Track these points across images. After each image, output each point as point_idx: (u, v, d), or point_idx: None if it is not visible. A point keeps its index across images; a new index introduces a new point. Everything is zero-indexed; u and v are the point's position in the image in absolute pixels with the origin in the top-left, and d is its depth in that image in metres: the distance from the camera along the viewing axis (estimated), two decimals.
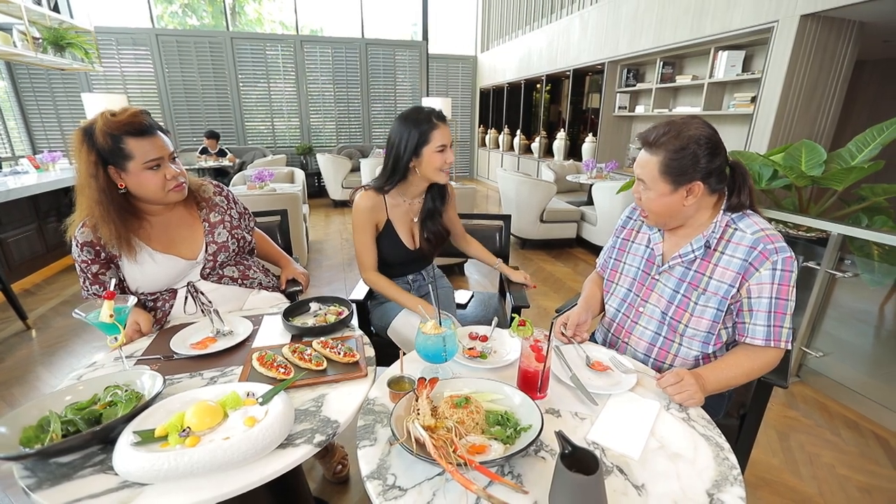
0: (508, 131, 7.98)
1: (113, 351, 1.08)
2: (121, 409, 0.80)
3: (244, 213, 1.49)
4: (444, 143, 1.35)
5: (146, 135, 1.14)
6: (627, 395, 0.93)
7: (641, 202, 1.08)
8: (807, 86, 3.15)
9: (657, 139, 1.00)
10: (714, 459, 0.77)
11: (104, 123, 1.11)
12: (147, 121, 1.16)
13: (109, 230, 1.14)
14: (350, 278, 3.66)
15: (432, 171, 1.38)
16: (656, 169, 1.00)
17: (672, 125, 1.00)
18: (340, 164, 6.31)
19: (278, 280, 1.56)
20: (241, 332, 1.16)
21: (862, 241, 1.98)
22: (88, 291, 1.24)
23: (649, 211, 1.08)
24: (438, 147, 1.34)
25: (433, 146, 1.34)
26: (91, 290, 1.24)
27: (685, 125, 1.00)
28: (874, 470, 1.68)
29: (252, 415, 0.78)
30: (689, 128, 0.99)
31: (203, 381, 0.96)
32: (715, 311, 1.02)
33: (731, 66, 3.75)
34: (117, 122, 1.11)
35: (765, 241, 0.97)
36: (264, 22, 9.35)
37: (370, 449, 0.76)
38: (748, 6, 3.32)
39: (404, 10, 8.60)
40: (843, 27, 3.05)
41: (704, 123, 1.01)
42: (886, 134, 2.19)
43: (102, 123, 1.11)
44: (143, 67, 6.52)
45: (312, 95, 7.47)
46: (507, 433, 0.76)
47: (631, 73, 5.07)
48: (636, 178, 1.08)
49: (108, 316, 0.87)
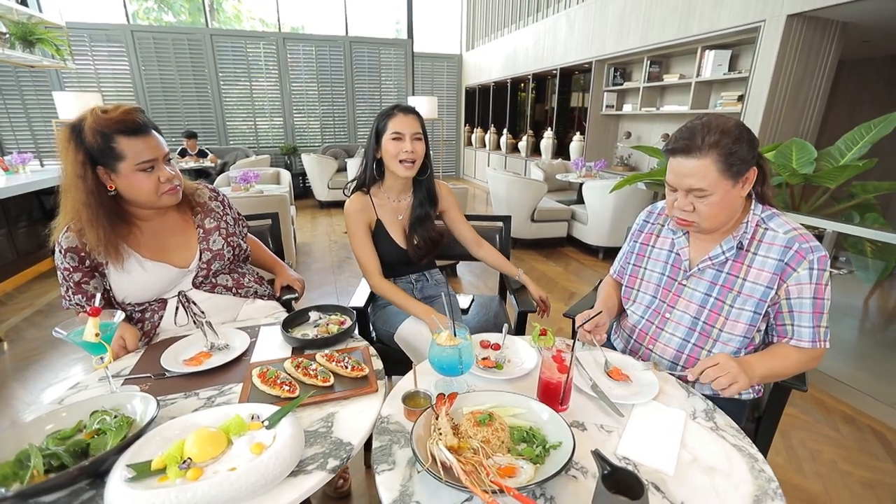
0: (495, 130, 7.97)
1: (97, 370, 1.00)
2: (111, 438, 0.72)
3: (238, 219, 1.42)
4: (400, 132, 1.35)
5: (140, 134, 1.06)
6: (652, 405, 0.90)
7: (695, 213, 0.98)
8: (793, 84, 3.20)
9: (703, 142, 0.92)
10: (750, 472, 0.74)
11: (94, 121, 1.02)
12: (141, 119, 1.07)
13: (97, 235, 1.05)
14: (341, 281, 3.57)
15: (390, 159, 1.38)
16: (714, 169, 0.92)
17: (705, 126, 0.94)
18: (326, 165, 6.19)
19: (273, 288, 1.49)
20: (237, 346, 1.08)
21: (855, 238, 2.01)
22: (70, 302, 1.15)
23: (708, 217, 0.97)
24: (393, 134, 1.35)
25: (388, 134, 1.36)
26: (73, 300, 1.14)
27: (718, 120, 0.94)
28: (874, 465, 1.69)
29: (259, 440, 0.71)
30: (723, 121, 0.94)
31: (199, 402, 0.89)
32: (752, 314, 0.99)
33: (717, 65, 3.79)
34: (109, 120, 1.02)
35: (800, 240, 0.95)
36: (243, 19, 9.13)
37: (389, 474, 0.71)
38: (735, 6, 3.35)
39: (388, 7, 8.52)
40: (827, 27, 3.11)
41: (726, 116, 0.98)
42: (875, 132, 2.23)
43: (92, 121, 1.02)
44: (119, 65, 6.27)
45: (296, 94, 7.31)
46: (536, 452, 0.71)
47: (618, 71, 5.10)
48: (682, 191, 0.98)
49: (94, 335, 0.79)
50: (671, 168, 0.98)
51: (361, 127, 7.86)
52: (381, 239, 1.48)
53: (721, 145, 0.92)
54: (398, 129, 1.35)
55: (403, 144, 1.35)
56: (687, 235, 1.11)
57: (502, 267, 1.66)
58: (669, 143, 0.98)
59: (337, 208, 6.38)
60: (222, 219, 1.33)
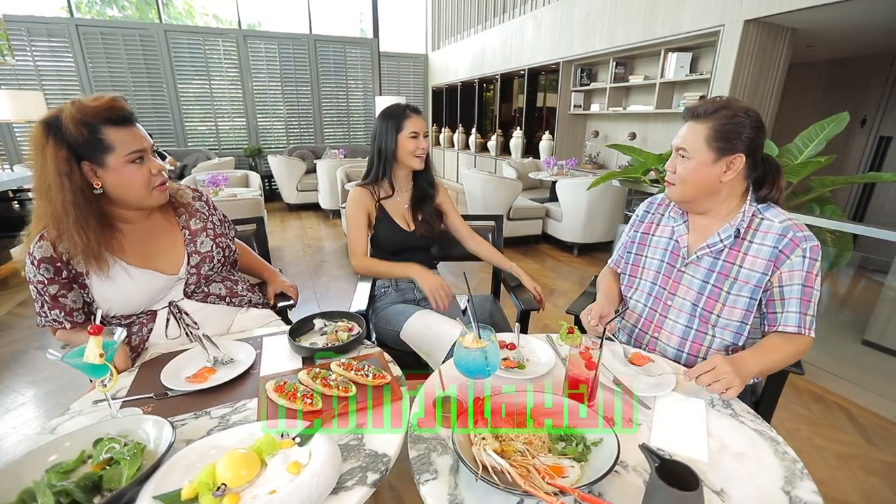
0: (463, 130, 8.00)
1: (89, 393, 0.91)
2: (125, 468, 0.66)
3: (224, 221, 1.34)
4: (417, 131, 1.51)
5: (127, 124, 0.99)
6: (672, 396, 0.92)
7: (676, 174, 1.07)
8: (749, 85, 3.41)
9: (707, 110, 1.02)
10: (775, 455, 0.77)
11: (77, 111, 0.94)
12: (128, 108, 1.00)
13: (85, 239, 0.96)
14: (320, 286, 3.47)
15: (407, 155, 1.53)
16: (702, 136, 1.01)
17: (721, 99, 1.02)
18: (294, 167, 6.00)
19: (266, 295, 1.42)
20: (243, 359, 1.02)
21: (817, 229, 2.16)
22: (46, 319, 1.05)
23: (682, 181, 1.06)
24: (411, 133, 1.51)
25: (406, 132, 1.50)
26: (49, 316, 1.05)
27: (734, 100, 1.02)
28: (845, 439, 1.82)
29: (295, 459, 0.67)
30: (739, 102, 1.02)
31: (212, 422, 0.83)
32: (748, 300, 1.04)
33: (679, 66, 3.97)
34: (96, 109, 0.95)
35: (794, 229, 1.00)
36: (195, 15, 8.69)
37: (434, 484, 0.69)
38: (696, 11, 3.53)
39: (352, 5, 8.37)
40: (779, 32, 3.33)
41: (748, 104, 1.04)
42: (828, 130, 2.41)
43: (75, 111, 0.93)
44: (62, 62, 5.81)
45: (259, 94, 7.04)
46: (579, 449, 0.71)
47: (585, 72, 5.25)
48: (674, 150, 1.07)
49: (98, 355, 0.72)
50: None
51: (328, 128, 7.68)
52: (386, 224, 1.58)
53: (718, 116, 1.00)
54: (415, 129, 1.51)
55: (419, 142, 1.52)
56: (686, 223, 1.15)
57: (495, 260, 1.72)
58: (689, 108, 1.07)
59: (307, 211, 6.21)
60: (208, 219, 1.26)
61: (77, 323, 1.08)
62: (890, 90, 4.45)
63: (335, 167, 5.04)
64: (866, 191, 4.72)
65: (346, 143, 7.70)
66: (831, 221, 2.07)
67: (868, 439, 1.81)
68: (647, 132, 4.68)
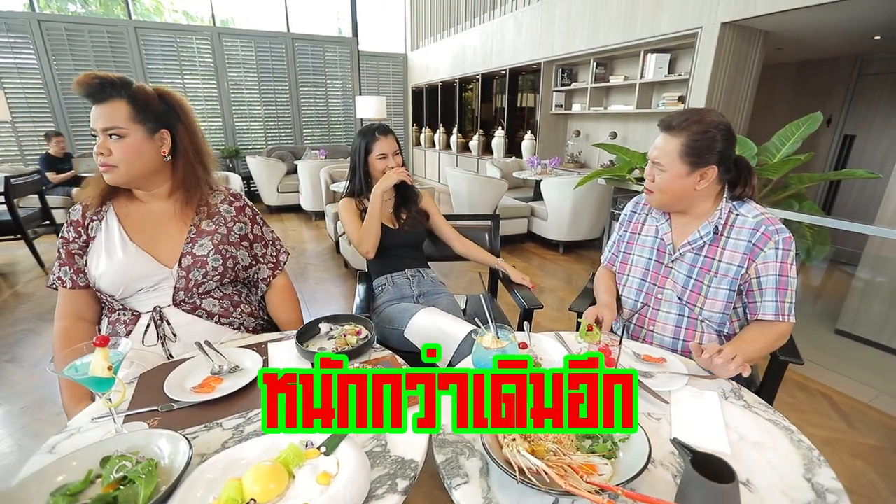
0: (444, 130, 7.99)
1: (84, 409, 0.86)
2: (141, 486, 0.62)
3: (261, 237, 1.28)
4: (385, 152, 1.60)
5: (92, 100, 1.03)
6: (686, 389, 0.94)
7: (654, 184, 1.12)
8: (726, 86, 3.52)
9: (679, 124, 1.05)
10: (791, 443, 0.79)
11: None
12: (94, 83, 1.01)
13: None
14: (307, 289, 3.40)
15: (378, 174, 1.62)
16: (676, 151, 1.06)
17: (693, 112, 1.06)
18: (274, 168, 5.87)
19: (268, 322, 1.35)
20: (249, 366, 0.98)
21: (797, 224, 2.25)
22: (55, 276, 1.12)
23: (660, 191, 1.12)
24: (379, 155, 1.60)
25: (375, 154, 1.61)
26: (58, 273, 1.12)
27: (706, 112, 1.06)
28: (829, 424, 1.90)
29: (323, 469, 0.65)
30: (710, 114, 1.06)
31: (226, 434, 0.80)
32: (727, 292, 1.09)
33: (658, 67, 4.07)
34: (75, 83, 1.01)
35: (766, 223, 1.05)
36: (164, 11, 8.39)
37: (467, 488, 0.67)
38: (675, 13, 3.62)
39: (329, 5, 8.24)
40: (753, 35, 3.45)
41: (721, 113, 1.08)
42: (804, 129, 2.51)
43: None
44: (23, 59, 5.50)
45: (235, 93, 6.85)
46: (608, 447, 0.71)
47: (566, 73, 5.32)
48: (650, 161, 1.12)
49: (107, 368, 0.68)
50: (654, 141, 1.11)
51: (308, 128, 7.54)
52: None
53: (689, 132, 1.04)
54: (383, 150, 1.60)
55: (388, 161, 1.61)
56: (669, 222, 1.20)
57: (481, 257, 1.78)
58: (663, 119, 1.10)
59: (289, 213, 6.08)
60: (226, 225, 1.20)
61: (78, 285, 1.11)
62: (853, 91, 4.68)
63: (317, 168, 4.96)
64: (832, 187, 4.95)
65: (326, 143, 7.57)
66: (810, 216, 2.15)
67: (850, 424, 1.90)
68: (627, 131, 4.78)
